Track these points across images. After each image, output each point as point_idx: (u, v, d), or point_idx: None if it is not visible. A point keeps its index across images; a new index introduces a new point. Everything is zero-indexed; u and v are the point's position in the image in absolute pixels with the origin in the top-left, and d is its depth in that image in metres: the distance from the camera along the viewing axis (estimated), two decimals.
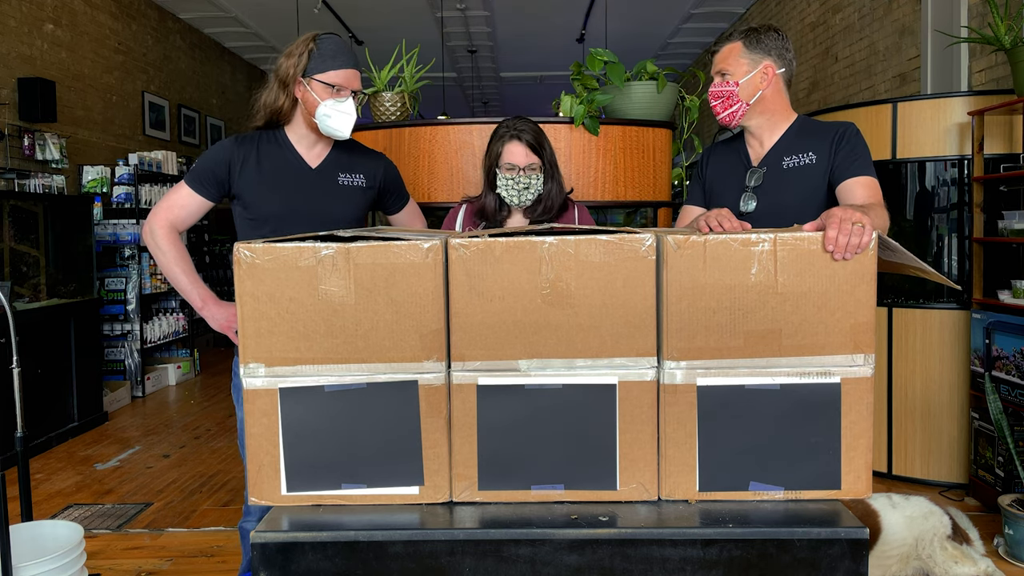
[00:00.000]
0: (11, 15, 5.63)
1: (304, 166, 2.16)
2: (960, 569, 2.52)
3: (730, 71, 2.04)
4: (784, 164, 2.04)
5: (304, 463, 1.37)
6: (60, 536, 2.40)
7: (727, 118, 2.06)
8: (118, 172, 6.31)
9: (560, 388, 1.35)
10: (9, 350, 2.67)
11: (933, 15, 4.75)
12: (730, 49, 2.06)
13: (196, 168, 2.16)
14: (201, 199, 2.14)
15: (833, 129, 2.03)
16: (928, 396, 3.77)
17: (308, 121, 2.12)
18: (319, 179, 2.16)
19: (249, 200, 2.13)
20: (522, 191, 2.31)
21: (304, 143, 2.16)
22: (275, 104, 2.11)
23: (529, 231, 1.40)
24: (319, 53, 2.07)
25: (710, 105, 2.11)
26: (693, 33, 9.53)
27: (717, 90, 2.06)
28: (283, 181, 2.13)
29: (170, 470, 4.28)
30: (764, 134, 2.09)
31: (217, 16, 8.55)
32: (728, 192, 2.10)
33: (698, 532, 1.27)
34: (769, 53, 2.04)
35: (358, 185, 2.21)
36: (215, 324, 2.16)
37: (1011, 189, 3.59)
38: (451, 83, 11.66)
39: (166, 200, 2.15)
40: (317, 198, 2.15)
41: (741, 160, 2.13)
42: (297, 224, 2.08)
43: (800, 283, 1.33)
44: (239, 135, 2.18)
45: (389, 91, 3.33)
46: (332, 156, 2.19)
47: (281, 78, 2.09)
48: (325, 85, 2.05)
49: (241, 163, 2.12)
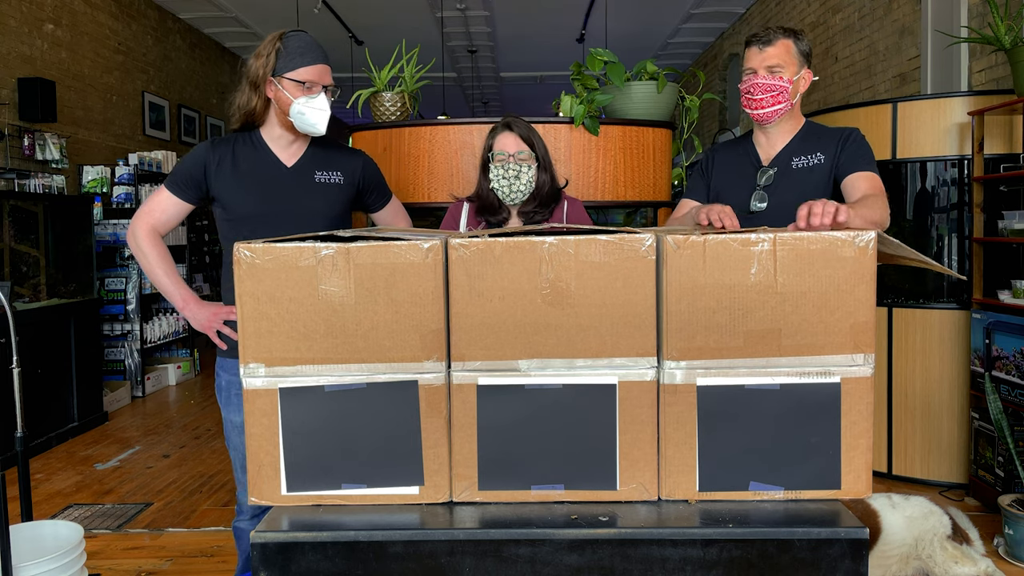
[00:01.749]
0: (11, 15, 5.63)
1: (280, 165, 2.17)
2: (960, 569, 2.52)
3: (784, 68, 1.99)
4: (794, 164, 2.07)
5: (304, 463, 1.37)
6: (60, 536, 2.40)
7: (770, 114, 2.02)
8: (118, 172, 6.31)
9: (560, 388, 1.35)
10: (9, 350, 2.67)
11: (933, 15, 4.75)
12: (785, 46, 2.01)
13: (174, 172, 2.18)
14: (181, 202, 2.16)
15: (839, 132, 2.07)
16: (928, 396, 3.77)
17: (283, 120, 2.12)
18: (295, 177, 2.17)
19: (227, 201, 2.15)
20: (512, 180, 2.33)
21: (279, 143, 2.17)
22: (248, 106, 2.12)
23: (529, 231, 1.40)
24: (287, 51, 2.06)
25: (750, 97, 2.03)
26: (693, 33, 9.52)
27: (767, 83, 1.99)
28: (260, 181, 2.14)
29: (170, 470, 4.28)
30: (779, 136, 2.10)
31: (217, 16, 8.55)
32: (737, 191, 2.11)
33: (698, 532, 1.27)
34: (807, 59, 2.06)
35: (335, 182, 2.21)
36: (197, 324, 2.17)
37: (1011, 189, 3.59)
38: (451, 83, 11.66)
39: (147, 204, 2.17)
40: (294, 197, 2.15)
41: (750, 160, 2.14)
42: (276, 223, 2.09)
43: (800, 283, 1.33)
44: (215, 138, 2.19)
45: (389, 91, 3.33)
46: (308, 154, 2.20)
47: (251, 79, 2.09)
48: (296, 83, 2.05)
49: (217, 165, 2.13)
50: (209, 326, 2.15)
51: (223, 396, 2.22)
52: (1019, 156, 3.49)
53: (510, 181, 2.34)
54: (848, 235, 1.31)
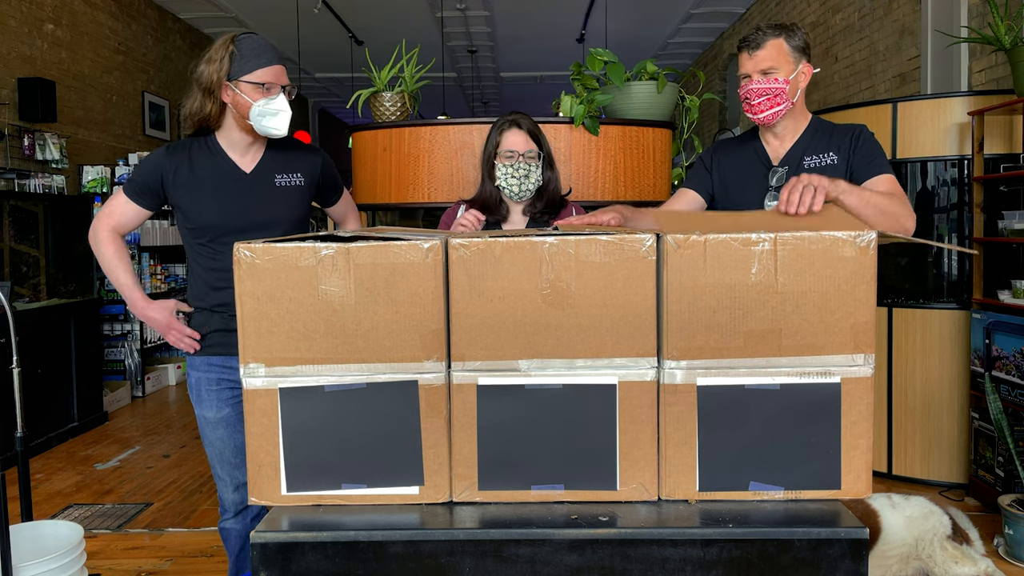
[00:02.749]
0: (11, 15, 5.63)
1: (238, 171, 2.13)
2: (960, 569, 2.52)
3: (778, 69, 1.99)
4: (805, 164, 2.04)
5: (304, 463, 1.37)
6: (60, 536, 2.40)
7: (770, 116, 2.01)
8: (118, 172, 6.31)
9: (560, 388, 1.35)
10: (9, 350, 2.67)
11: (933, 15, 4.75)
12: (776, 46, 2.00)
13: (131, 178, 2.15)
14: (138, 207, 2.14)
15: (848, 130, 2.04)
16: (928, 396, 3.77)
17: (241, 124, 2.08)
18: (255, 183, 2.13)
19: (186, 209, 2.12)
20: (522, 179, 2.30)
21: (237, 148, 2.13)
22: (202, 112, 2.08)
23: (529, 232, 1.40)
24: (241, 54, 2.04)
25: (749, 103, 2.03)
26: (693, 33, 9.52)
27: (762, 87, 1.99)
28: (218, 189, 2.10)
29: (170, 470, 4.28)
30: (787, 134, 2.08)
31: (217, 16, 8.55)
32: (749, 191, 2.09)
33: (698, 532, 1.26)
34: (804, 52, 2.03)
35: (296, 184, 2.18)
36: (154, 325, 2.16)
37: (1011, 189, 3.59)
38: (451, 83, 11.66)
39: (108, 205, 2.15)
40: (254, 203, 2.11)
41: (759, 159, 2.12)
42: (237, 230, 2.07)
43: (800, 283, 1.33)
44: (171, 144, 2.15)
45: (389, 91, 3.33)
46: (267, 158, 2.16)
47: (204, 85, 2.06)
48: (254, 85, 2.02)
49: (174, 173, 2.09)
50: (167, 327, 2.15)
51: (194, 394, 2.22)
52: (1019, 156, 3.49)
53: (520, 180, 2.30)
54: (849, 235, 1.31)
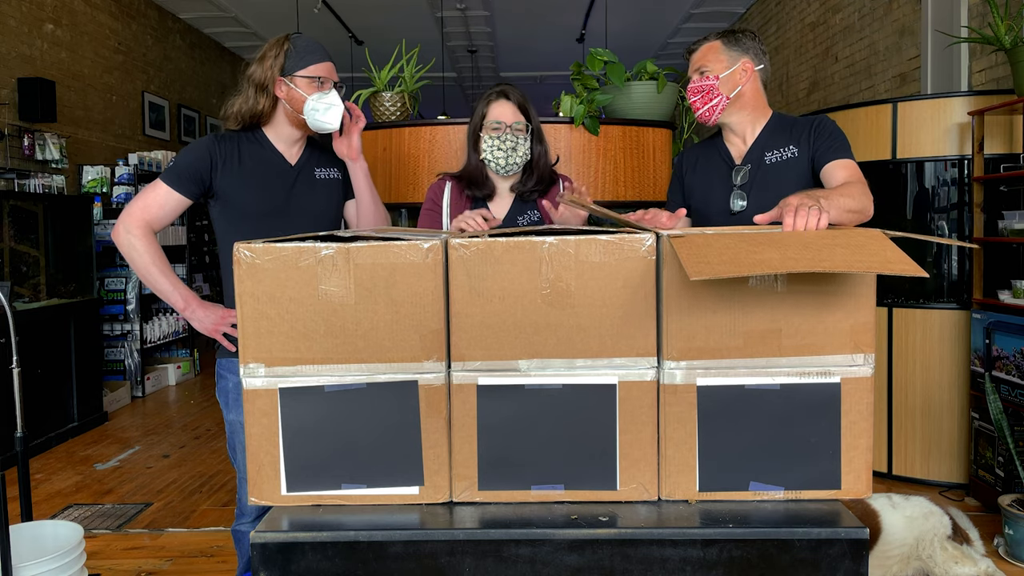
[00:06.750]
0: (11, 15, 5.63)
1: (285, 164, 2.19)
2: (960, 569, 2.52)
3: (709, 67, 2.05)
4: (767, 159, 2.06)
5: (304, 463, 1.37)
6: (60, 536, 2.40)
7: (706, 113, 2.07)
8: (118, 172, 6.31)
9: (560, 388, 1.35)
10: (9, 350, 2.67)
11: (933, 15, 4.75)
12: (709, 47, 2.08)
13: (176, 166, 2.13)
14: (180, 197, 2.11)
15: (808, 122, 2.07)
16: (928, 396, 3.77)
17: (292, 119, 2.14)
18: (299, 175, 2.19)
19: (231, 198, 2.13)
20: (509, 152, 2.20)
21: (284, 142, 2.19)
22: (255, 108, 2.13)
23: (529, 231, 1.40)
24: (295, 51, 2.11)
25: (689, 103, 2.11)
26: (693, 33, 9.51)
27: (696, 86, 2.07)
28: (267, 179, 2.15)
29: (170, 470, 4.28)
30: (745, 131, 2.11)
31: (217, 16, 8.55)
32: (715, 192, 2.11)
33: (698, 532, 1.26)
34: (747, 51, 2.07)
35: (334, 178, 2.25)
36: (202, 327, 2.13)
37: (1011, 189, 3.59)
38: (451, 83, 11.66)
39: (141, 199, 2.10)
40: (299, 194, 2.18)
41: (723, 159, 2.14)
42: (279, 220, 2.11)
43: (800, 283, 1.33)
44: (217, 134, 2.18)
45: (389, 91, 3.33)
46: (308, 153, 2.23)
47: (258, 82, 2.12)
48: (309, 79, 2.10)
49: (223, 161, 2.12)
50: (215, 330, 2.12)
51: (231, 396, 2.14)
52: (1019, 156, 3.49)
53: (506, 152, 2.20)
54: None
